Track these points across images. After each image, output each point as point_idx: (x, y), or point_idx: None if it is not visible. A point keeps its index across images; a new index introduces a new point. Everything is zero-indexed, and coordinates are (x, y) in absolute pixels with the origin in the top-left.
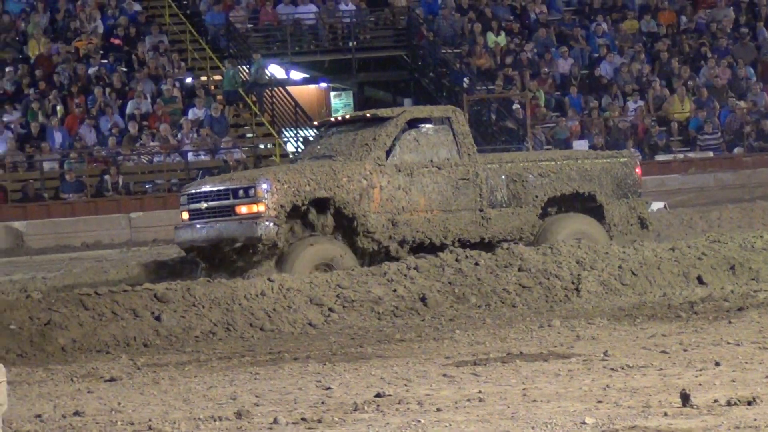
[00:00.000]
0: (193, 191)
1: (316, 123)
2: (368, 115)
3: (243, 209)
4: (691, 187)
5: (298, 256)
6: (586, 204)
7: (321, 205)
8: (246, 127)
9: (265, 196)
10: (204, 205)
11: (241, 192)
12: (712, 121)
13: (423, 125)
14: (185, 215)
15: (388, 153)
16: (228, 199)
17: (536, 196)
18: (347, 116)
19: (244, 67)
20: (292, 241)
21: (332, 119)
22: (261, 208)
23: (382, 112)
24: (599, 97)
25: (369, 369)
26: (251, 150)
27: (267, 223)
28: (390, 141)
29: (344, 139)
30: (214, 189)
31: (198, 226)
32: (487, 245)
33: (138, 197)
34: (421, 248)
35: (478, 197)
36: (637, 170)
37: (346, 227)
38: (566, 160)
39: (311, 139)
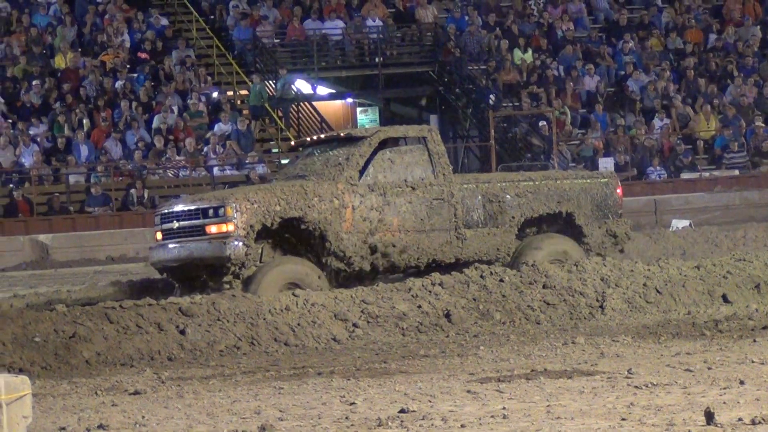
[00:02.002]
0: (166, 211)
1: (293, 143)
2: (342, 134)
3: (213, 229)
4: (717, 205)
5: (265, 276)
6: (564, 225)
7: (292, 225)
8: (272, 142)
9: (235, 216)
10: (176, 225)
11: (211, 212)
12: (737, 139)
13: (397, 145)
14: (159, 235)
15: (361, 173)
16: (198, 218)
17: (513, 217)
18: (323, 136)
19: (270, 82)
20: (264, 260)
21: (308, 139)
22: (230, 227)
23: (357, 131)
24: (625, 115)
25: (393, 385)
26: (276, 165)
27: (236, 243)
28: (363, 161)
29: (319, 159)
30: (185, 209)
31: (170, 246)
32: (463, 266)
33: None
34: (396, 269)
35: (453, 217)
36: (618, 191)
37: (318, 247)
38: (544, 180)
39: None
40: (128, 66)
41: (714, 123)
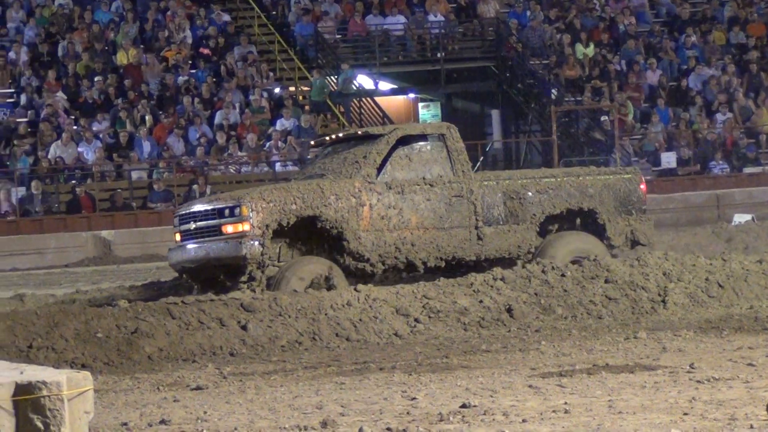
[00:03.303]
0: (183, 212)
1: (312, 142)
2: (360, 132)
3: (229, 229)
4: None
5: (291, 278)
6: (587, 221)
7: (309, 223)
8: None
9: (250, 215)
10: (193, 225)
11: (227, 211)
12: None
13: (415, 142)
14: (178, 237)
15: (379, 171)
16: (215, 218)
17: (534, 214)
18: (341, 135)
19: (332, 77)
20: (283, 260)
21: (327, 138)
22: (246, 227)
23: (375, 129)
24: (687, 109)
25: (454, 379)
26: None
27: (252, 242)
28: (380, 158)
29: (337, 158)
30: (202, 209)
31: (188, 246)
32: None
33: None
34: (415, 268)
35: (473, 215)
36: (641, 186)
37: (335, 246)
38: (566, 176)
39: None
40: (190, 62)
41: None
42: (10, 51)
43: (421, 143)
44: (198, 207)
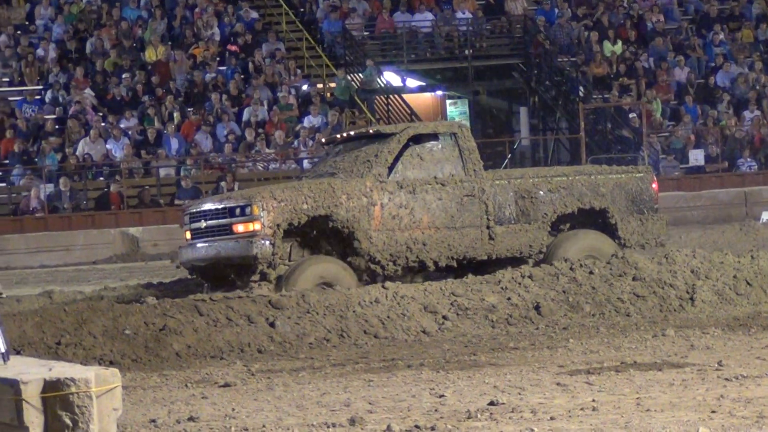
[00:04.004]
0: (194, 210)
1: (323, 140)
2: (371, 131)
3: (240, 228)
4: None
5: (301, 275)
6: (599, 220)
7: (321, 223)
8: None
9: (261, 215)
10: (203, 224)
11: (237, 210)
12: None
13: (427, 141)
14: (188, 235)
15: (390, 170)
16: (226, 217)
17: (545, 213)
18: (352, 133)
19: (358, 74)
20: (293, 259)
21: (338, 136)
22: (257, 226)
23: (386, 128)
24: (715, 107)
25: (482, 377)
26: None
27: (263, 242)
28: (392, 157)
29: (348, 157)
30: (213, 208)
31: (198, 245)
32: (495, 263)
33: None
34: (426, 267)
35: (484, 214)
36: (653, 185)
37: (346, 246)
38: (578, 175)
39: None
40: (218, 59)
41: None
42: (38, 48)
43: (433, 142)
44: (208, 205)
